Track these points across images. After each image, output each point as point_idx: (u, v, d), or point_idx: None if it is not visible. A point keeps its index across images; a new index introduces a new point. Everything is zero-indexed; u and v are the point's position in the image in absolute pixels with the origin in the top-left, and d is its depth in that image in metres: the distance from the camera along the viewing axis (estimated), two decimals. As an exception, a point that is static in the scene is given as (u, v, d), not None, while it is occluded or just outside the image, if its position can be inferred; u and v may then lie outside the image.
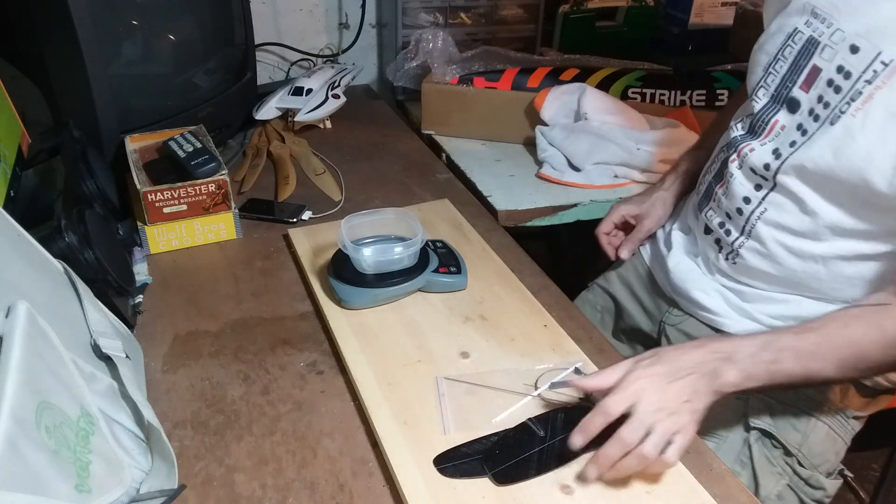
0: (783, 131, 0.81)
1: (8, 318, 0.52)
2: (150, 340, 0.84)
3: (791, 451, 0.83)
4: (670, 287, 0.97)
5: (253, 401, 0.76)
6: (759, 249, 0.84)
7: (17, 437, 0.46)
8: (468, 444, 0.68)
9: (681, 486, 0.65)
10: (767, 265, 0.84)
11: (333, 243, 0.93)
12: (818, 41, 0.77)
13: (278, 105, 1.39)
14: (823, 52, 0.76)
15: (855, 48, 0.73)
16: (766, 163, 0.81)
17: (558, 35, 1.63)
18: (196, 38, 1.24)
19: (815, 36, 0.78)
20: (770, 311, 0.86)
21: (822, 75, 0.76)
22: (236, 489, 0.66)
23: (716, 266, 0.91)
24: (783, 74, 0.81)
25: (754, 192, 0.84)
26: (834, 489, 0.85)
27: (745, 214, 0.85)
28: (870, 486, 1.42)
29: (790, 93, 0.80)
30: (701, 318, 0.92)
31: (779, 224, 0.82)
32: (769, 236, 0.83)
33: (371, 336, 0.83)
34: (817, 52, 0.77)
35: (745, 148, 0.84)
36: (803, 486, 0.84)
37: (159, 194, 0.98)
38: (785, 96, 0.81)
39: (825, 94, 0.76)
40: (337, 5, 1.66)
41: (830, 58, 0.75)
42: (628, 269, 1.09)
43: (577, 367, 0.77)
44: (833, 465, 0.85)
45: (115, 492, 0.56)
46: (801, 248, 0.81)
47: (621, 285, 1.09)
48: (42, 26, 1.00)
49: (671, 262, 0.96)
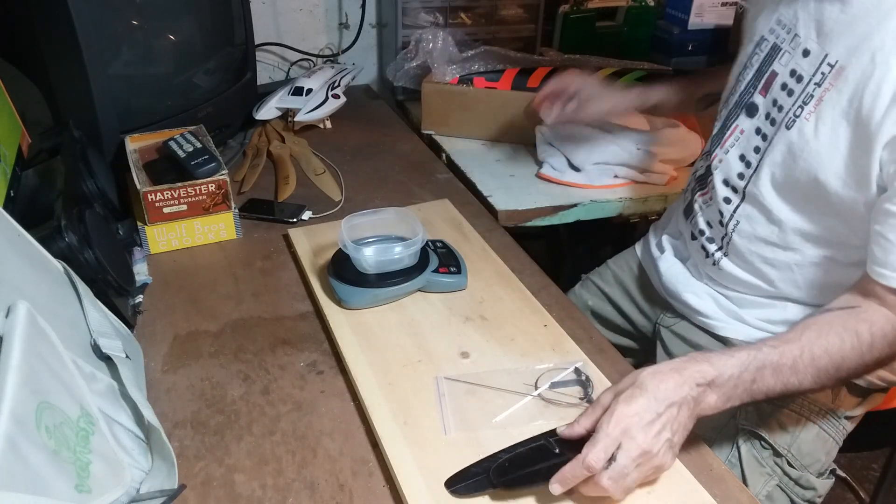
0: (742, 135, 0.83)
1: (8, 318, 0.52)
2: (150, 340, 0.84)
3: (780, 452, 0.83)
4: (663, 290, 0.98)
5: (253, 401, 0.76)
6: (738, 262, 0.86)
7: (17, 437, 0.46)
8: (477, 464, 0.66)
9: (681, 486, 0.65)
10: (747, 276, 0.86)
11: (333, 243, 0.93)
12: (780, 47, 0.79)
13: (278, 105, 1.39)
14: (782, 57, 0.78)
15: (806, 52, 0.75)
16: (739, 172, 0.83)
17: (558, 35, 1.63)
18: (196, 38, 1.24)
19: (777, 43, 0.80)
20: (760, 315, 0.87)
21: (777, 79, 0.78)
22: (236, 489, 0.66)
23: (704, 272, 0.92)
24: (748, 81, 0.84)
25: (725, 206, 0.86)
26: (825, 489, 0.86)
27: (724, 226, 0.86)
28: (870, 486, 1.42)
29: (751, 98, 0.82)
30: (694, 320, 0.93)
31: (752, 235, 0.83)
32: (745, 248, 0.84)
33: (371, 336, 0.83)
34: (777, 57, 0.79)
35: (714, 159, 0.87)
36: (793, 486, 0.84)
37: (159, 194, 0.98)
38: (746, 101, 0.83)
39: (779, 98, 0.78)
40: (337, 5, 1.66)
41: (787, 62, 0.77)
42: (622, 267, 1.11)
43: (577, 366, 0.77)
44: (824, 464, 0.86)
45: (115, 492, 0.56)
46: (775, 257, 0.82)
47: (616, 285, 1.10)
48: (42, 26, 1.00)
49: (663, 266, 0.98)
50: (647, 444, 0.60)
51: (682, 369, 0.65)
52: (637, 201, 1.20)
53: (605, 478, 0.60)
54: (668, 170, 1.22)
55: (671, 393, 0.63)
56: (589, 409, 0.66)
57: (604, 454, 0.60)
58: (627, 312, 1.08)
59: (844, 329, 0.69)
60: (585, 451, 0.61)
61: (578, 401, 0.74)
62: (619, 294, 1.09)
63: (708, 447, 0.71)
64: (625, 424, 0.61)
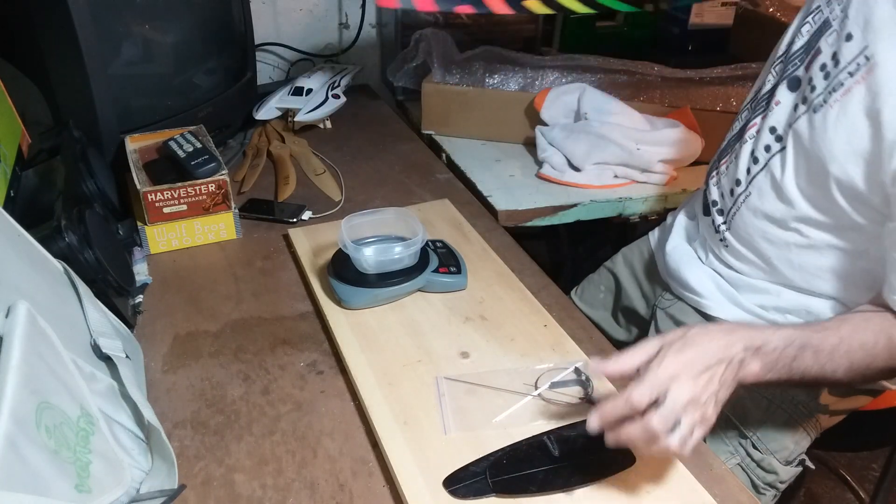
0: (777, 107, 0.81)
1: (8, 318, 0.52)
2: (150, 340, 0.84)
3: (746, 435, 0.84)
4: (665, 270, 0.99)
5: (253, 401, 0.76)
6: (740, 236, 0.86)
7: (18, 437, 0.46)
8: (476, 462, 0.66)
9: (681, 486, 0.65)
10: (746, 251, 0.86)
11: (333, 243, 0.93)
12: (830, 24, 0.75)
13: (278, 105, 1.39)
14: (830, 36, 0.75)
15: (850, 36, 0.72)
16: (766, 144, 0.82)
17: (558, 35, 1.63)
18: (196, 38, 1.24)
19: (829, 18, 0.76)
20: (756, 300, 0.87)
21: (819, 58, 0.75)
22: (236, 489, 0.66)
23: (709, 248, 0.92)
24: (795, 52, 0.80)
25: (745, 176, 0.85)
26: (788, 476, 0.87)
27: (734, 197, 0.86)
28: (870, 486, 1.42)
29: (795, 70, 0.79)
30: (689, 300, 0.94)
31: (758, 210, 0.83)
32: (750, 222, 0.84)
33: (371, 336, 0.83)
34: (826, 33, 0.76)
35: (752, 128, 0.84)
36: (755, 468, 0.85)
37: (159, 194, 0.98)
38: (790, 73, 0.80)
39: (815, 78, 0.75)
40: (337, 5, 1.66)
41: (833, 42, 0.74)
42: (634, 251, 1.11)
43: (577, 366, 0.77)
44: (791, 452, 0.86)
45: (115, 492, 0.56)
46: (775, 234, 0.82)
47: (625, 267, 1.11)
48: (42, 26, 1.00)
49: (669, 246, 0.98)
50: (695, 391, 0.60)
51: (733, 331, 0.66)
52: (637, 201, 1.20)
53: (656, 419, 0.58)
54: (668, 170, 1.22)
55: (721, 351, 0.63)
56: (631, 351, 0.64)
57: (649, 393, 0.59)
58: (630, 293, 1.08)
59: (880, 329, 0.70)
60: (630, 388, 0.60)
61: (579, 401, 0.74)
62: (627, 276, 1.09)
63: (707, 447, 0.72)
64: (674, 370, 0.60)
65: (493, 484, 0.64)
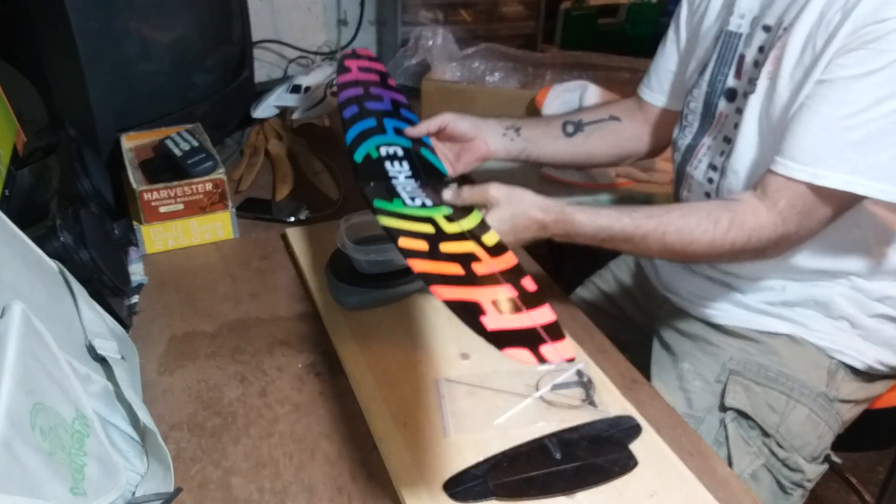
0: (725, 119, 0.84)
1: (2, 318, 0.52)
2: (145, 341, 0.83)
3: (768, 432, 0.84)
4: (660, 284, 0.98)
5: (250, 402, 0.75)
6: None
7: (12, 439, 0.46)
8: (477, 465, 0.65)
9: (685, 489, 0.64)
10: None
11: (332, 243, 0.92)
12: (740, 34, 0.82)
13: (276, 103, 1.38)
14: (744, 39, 0.81)
15: (767, 27, 0.78)
16: (721, 150, 0.84)
17: (559, 32, 1.63)
18: (193, 36, 1.23)
19: (733, 31, 0.82)
20: (761, 298, 0.87)
21: (748, 60, 0.80)
22: (233, 492, 0.65)
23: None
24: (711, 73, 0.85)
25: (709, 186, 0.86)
26: (815, 474, 0.86)
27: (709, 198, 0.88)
28: (875, 488, 1.41)
29: (723, 85, 0.84)
30: (692, 311, 0.93)
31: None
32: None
33: (370, 337, 0.82)
34: (739, 42, 0.82)
35: (702, 147, 0.87)
36: (780, 467, 0.84)
37: (155, 193, 0.97)
38: (720, 90, 0.84)
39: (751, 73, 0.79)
40: (335, 2, 1.65)
41: (751, 42, 0.79)
42: (621, 266, 1.11)
43: (578, 368, 0.77)
44: (816, 448, 0.85)
45: (111, 495, 0.55)
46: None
47: (615, 282, 1.10)
48: (38, 24, 0.99)
49: (658, 260, 0.99)
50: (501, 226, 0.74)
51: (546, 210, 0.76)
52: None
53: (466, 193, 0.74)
54: (668, 169, 1.21)
55: (533, 229, 0.76)
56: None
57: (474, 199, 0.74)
58: (625, 308, 1.08)
59: (708, 215, 0.74)
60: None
61: (580, 402, 0.73)
62: (619, 293, 1.09)
63: (712, 450, 0.71)
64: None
65: (493, 487, 0.63)
